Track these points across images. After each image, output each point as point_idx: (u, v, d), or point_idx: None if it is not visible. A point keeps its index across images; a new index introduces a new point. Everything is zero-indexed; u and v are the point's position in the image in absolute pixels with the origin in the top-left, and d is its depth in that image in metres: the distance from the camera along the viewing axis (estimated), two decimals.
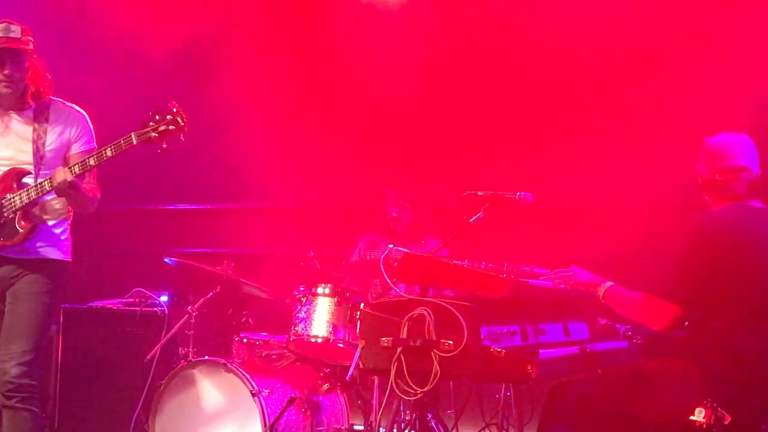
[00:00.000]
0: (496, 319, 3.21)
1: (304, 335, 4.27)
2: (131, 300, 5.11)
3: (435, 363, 3.07)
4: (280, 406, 4.24)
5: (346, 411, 4.56)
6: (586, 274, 3.43)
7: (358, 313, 3.41)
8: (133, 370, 4.80)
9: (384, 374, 3.25)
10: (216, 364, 4.38)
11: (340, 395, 4.58)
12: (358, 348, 3.39)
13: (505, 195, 3.67)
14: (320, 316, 4.27)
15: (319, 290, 4.33)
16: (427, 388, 3.11)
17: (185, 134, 3.55)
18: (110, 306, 5.07)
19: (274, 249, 5.03)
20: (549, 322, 3.51)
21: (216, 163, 6.42)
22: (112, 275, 6.33)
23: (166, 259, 4.80)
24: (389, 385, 3.17)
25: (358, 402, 4.48)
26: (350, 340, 4.20)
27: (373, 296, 4.76)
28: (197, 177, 6.50)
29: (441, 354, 3.07)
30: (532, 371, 2.98)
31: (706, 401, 3.00)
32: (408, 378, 3.12)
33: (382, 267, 3.41)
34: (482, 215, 3.69)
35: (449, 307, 3.11)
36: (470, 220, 3.70)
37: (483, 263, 3.40)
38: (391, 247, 3.57)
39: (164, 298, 5.04)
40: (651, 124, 5.37)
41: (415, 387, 3.13)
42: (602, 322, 3.73)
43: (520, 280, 3.31)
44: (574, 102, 5.57)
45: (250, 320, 4.83)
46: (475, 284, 3.22)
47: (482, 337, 3.10)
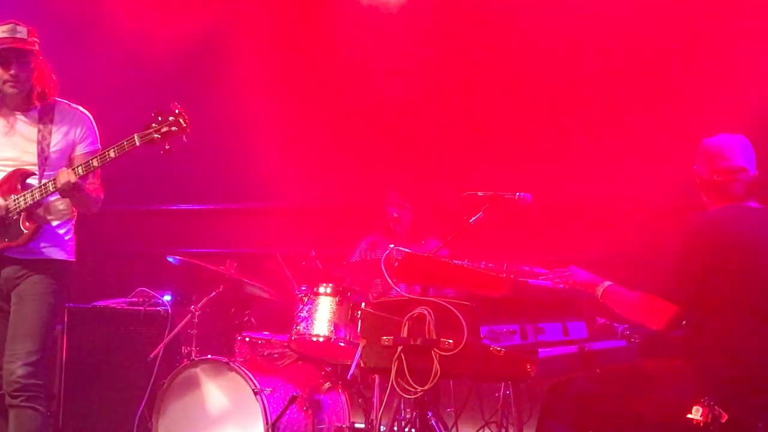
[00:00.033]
0: (496, 319, 3.21)
1: (306, 334, 4.28)
2: (135, 299, 5.14)
3: (435, 362, 3.08)
4: (281, 405, 4.26)
5: (347, 409, 4.57)
6: (585, 273, 3.44)
7: (359, 312, 3.40)
8: (136, 368, 4.82)
9: (385, 373, 3.27)
10: (219, 363, 4.40)
11: (342, 394, 4.59)
12: (359, 347, 3.39)
13: (505, 195, 3.67)
14: (322, 316, 4.28)
15: (321, 290, 4.34)
16: (428, 386, 3.12)
17: (188, 135, 3.55)
18: (114, 305, 5.09)
19: (276, 249, 5.04)
20: (548, 321, 3.52)
21: (218, 163, 6.43)
22: (116, 275, 6.33)
23: (170, 257, 4.81)
24: (390, 383, 3.18)
25: (359, 400, 4.50)
26: (351, 339, 4.20)
27: (374, 296, 4.76)
28: (200, 178, 6.51)
29: (441, 353, 3.08)
30: (531, 370, 2.98)
31: (703, 399, 3.00)
32: (408, 377, 3.13)
33: (382, 267, 3.41)
34: (482, 215, 3.69)
35: (449, 307, 3.12)
36: (470, 221, 3.70)
37: (483, 263, 3.40)
38: (391, 247, 3.57)
39: (167, 298, 5.05)
40: (651, 124, 5.36)
41: (415, 385, 3.13)
42: (601, 321, 3.74)
43: (519, 279, 3.32)
44: (573, 102, 5.56)
45: (253, 319, 4.83)
46: (475, 284, 3.22)
47: (482, 336, 3.10)
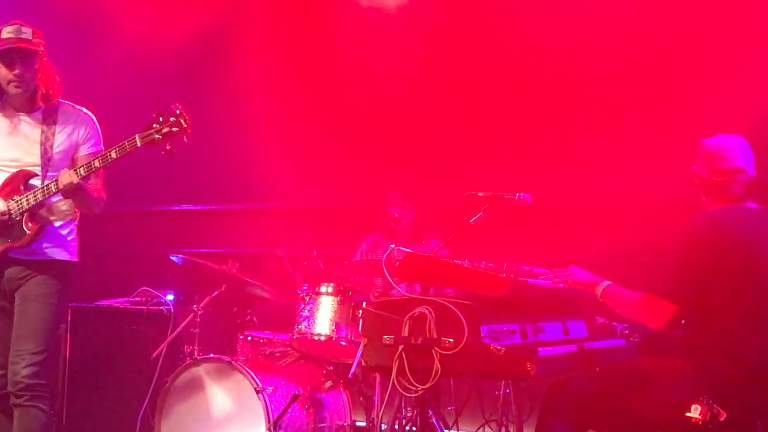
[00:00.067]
0: (496, 318, 3.22)
1: (308, 333, 4.29)
2: (138, 299, 5.15)
3: (436, 361, 3.09)
4: (283, 403, 4.27)
5: (348, 408, 4.59)
6: (584, 273, 3.45)
7: (360, 311, 3.41)
8: (139, 367, 4.83)
9: (386, 372, 3.28)
10: (221, 362, 4.42)
11: (343, 392, 4.60)
12: (361, 346, 3.40)
13: (505, 196, 3.68)
14: (323, 315, 4.29)
15: (322, 289, 4.35)
16: (428, 385, 3.13)
17: (188, 136, 3.55)
18: (117, 305, 5.11)
19: (278, 249, 5.05)
20: (548, 320, 3.53)
21: (220, 164, 6.43)
22: (119, 275, 6.32)
23: (173, 256, 4.83)
24: (391, 382, 3.19)
25: (360, 399, 4.51)
26: (353, 338, 4.21)
27: (375, 295, 4.76)
28: (201, 178, 6.51)
29: (442, 352, 3.09)
30: (531, 369, 2.99)
31: (702, 398, 3.00)
32: (409, 375, 3.14)
33: (384, 266, 3.42)
34: (482, 216, 3.69)
35: (450, 306, 3.13)
36: (470, 221, 3.71)
37: (483, 263, 3.40)
38: (392, 247, 3.57)
39: (170, 297, 5.07)
40: (651, 125, 5.35)
41: (416, 384, 3.14)
42: (600, 320, 3.75)
43: (519, 279, 3.33)
44: (574, 102, 5.55)
45: (255, 319, 4.84)
46: (476, 283, 3.23)
47: (482, 335, 3.11)
